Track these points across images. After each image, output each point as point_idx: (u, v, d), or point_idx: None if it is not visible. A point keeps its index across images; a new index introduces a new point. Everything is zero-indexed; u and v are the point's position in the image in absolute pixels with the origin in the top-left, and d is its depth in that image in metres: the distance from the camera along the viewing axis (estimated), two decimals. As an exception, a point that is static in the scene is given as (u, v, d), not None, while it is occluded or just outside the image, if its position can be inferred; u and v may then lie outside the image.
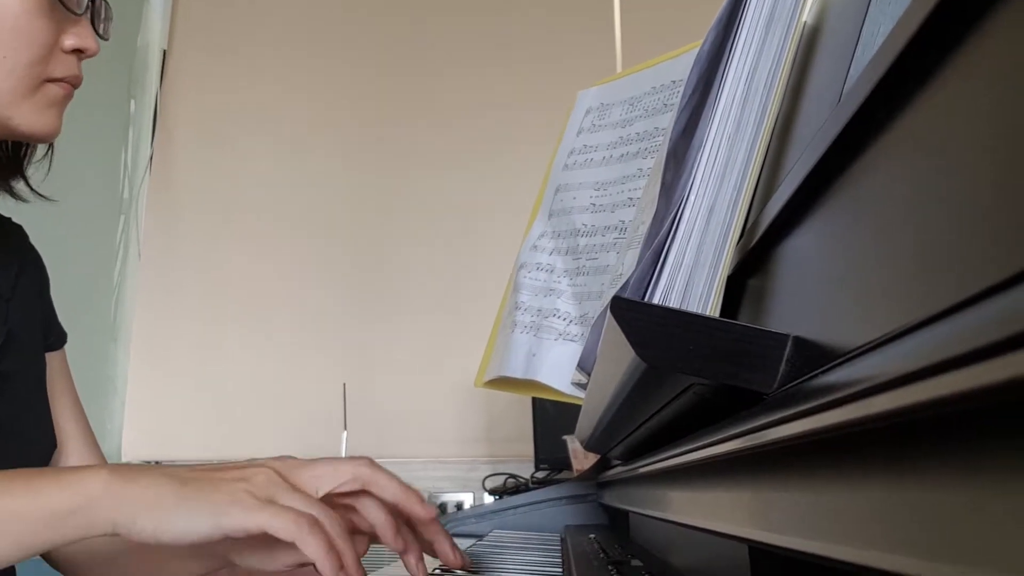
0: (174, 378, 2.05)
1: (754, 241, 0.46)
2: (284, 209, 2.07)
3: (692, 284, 0.51)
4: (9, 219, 0.87)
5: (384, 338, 2.00)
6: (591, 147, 0.90)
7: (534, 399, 1.62)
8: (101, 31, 0.77)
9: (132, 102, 2.05)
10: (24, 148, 0.82)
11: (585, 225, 0.86)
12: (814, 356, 0.32)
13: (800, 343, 0.33)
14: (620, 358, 0.38)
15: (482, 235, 1.95)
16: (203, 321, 2.07)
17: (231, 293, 2.07)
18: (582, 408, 0.68)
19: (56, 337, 0.91)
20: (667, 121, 0.74)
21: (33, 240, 0.90)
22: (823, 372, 0.25)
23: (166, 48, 2.12)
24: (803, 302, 0.36)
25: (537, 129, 1.62)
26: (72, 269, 1.70)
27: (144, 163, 2.09)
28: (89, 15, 0.75)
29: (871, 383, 0.17)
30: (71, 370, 0.94)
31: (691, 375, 0.34)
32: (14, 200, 0.84)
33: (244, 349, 2.04)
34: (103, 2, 0.77)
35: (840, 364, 0.23)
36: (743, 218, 0.50)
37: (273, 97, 2.09)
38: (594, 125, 0.91)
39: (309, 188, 2.07)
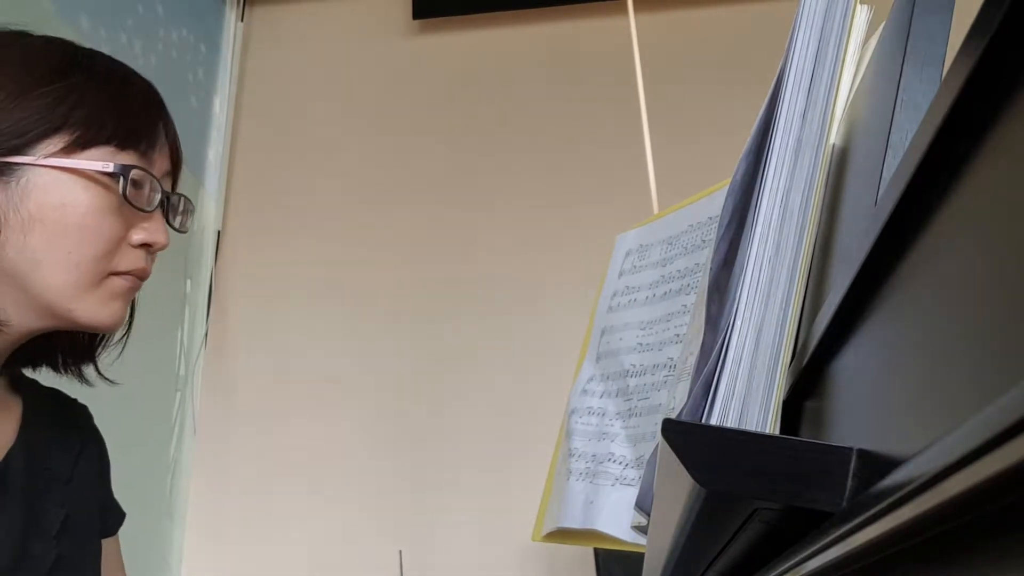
0: (229, 554, 2.02)
1: (805, 361, 0.45)
2: (336, 382, 2.09)
3: (746, 411, 0.50)
4: (75, 400, 0.88)
5: (438, 501, 1.96)
6: (633, 288, 0.90)
7: (596, 550, 1.55)
8: (178, 224, 0.79)
9: (188, 282, 2.12)
10: (100, 335, 0.83)
11: (634, 365, 0.85)
12: (882, 470, 0.30)
13: (865, 456, 0.32)
14: (677, 486, 0.37)
15: (529, 384, 1.94)
16: (258, 495, 2.05)
17: (285, 466, 2.06)
18: (645, 554, 0.65)
19: (114, 520, 0.89)
20: (706, 256, 0.74)
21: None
22: (891, 475, 0.24)
23: (220, 229, 2.21)
24: (863, 417, 0.35)
25: (578, 274, 1.64)
26: (128, 447, 1.71)
27: (199, 341, 2.14)
28: (163, 210, 0.76)
29: (946, 463, 0.16)
30: (127, 547, 0.93)
31: (753, 498, 0.33)
32: (80, 383, 0.85)
33: (300, 522, 2.01)
34: (180, 197, 0.79)
35: (908, 461, 0.22)
36: (792, 340, 0.49)
37: (323, 269, 2.15)
38: (635, 266, 0.92)
39: (360, 358, 2.09)
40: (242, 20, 2.28)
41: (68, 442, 0.82)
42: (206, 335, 2.15)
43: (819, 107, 0.51)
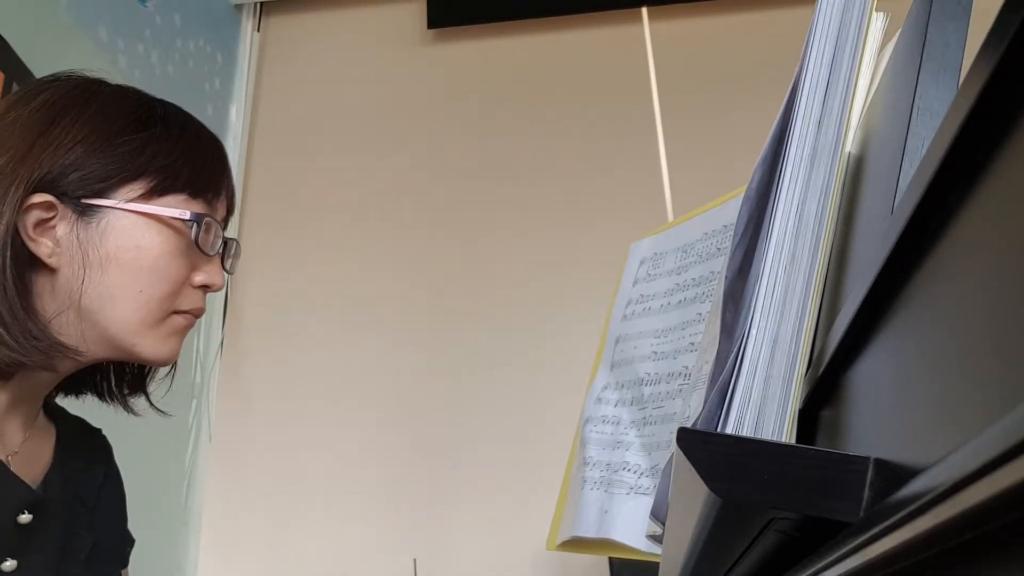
0: (244, 561, 2.03)
1: (821, 369, 0.44)
2: (351, 389, 2.09)
3: (762, 420, 0.49)
4: (99, 430, 0.91)
5: (453, 509, 1.96)
6: (648, 296, 0.90)
7: (611, 560, 1.55)
8: (228, 267, 0.85)
9: (204, 290, 2.13)
10: (149, 367, 0.87)
11: (648, 374, 0.85)
12: (900, 480, 0.30)
13: (882, 466, 0.31)
14: (692, 495, 0.36)
15: (544, 392, 1.93)
16: (273, 502, 2.06)
17: (300, 474, 2.06)
18: (660, 564, 0.65)
19: (128, 550, 0.92)
20: (721, 265, 0.74)
21: (106, 427, 0.92)
22: (909, 485, 0.23)
23: (236, 238, 2.22)
24: (880, 426, 0.35)
25: (592, 282, 1.64)
26: (144, 454, 1.72)
27: (215, 348, 2.15)
28: (220, 254, 0.81)
29: (965, 473, 0.16)
30: (143, 554, 0.94)
31: (770, 507, 0.32)
32: (125, 413, 0.88)
33: (314, 529, 2.01)
34: (234, 242, 0.85)
35: (926, 471, 0.22)
36: (808, 348, 0.48)
37: (338, 277, 2.16)
38: (649, 275, 0.92)
39: (375, 366, 2.09)
40: (258, 30, 2.29)
41: (94, 471, 0.86)
42: (222, 343, 2.16)
43: (835, 115, 0.51)
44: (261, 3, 2.30)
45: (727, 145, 1.85)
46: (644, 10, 2.10)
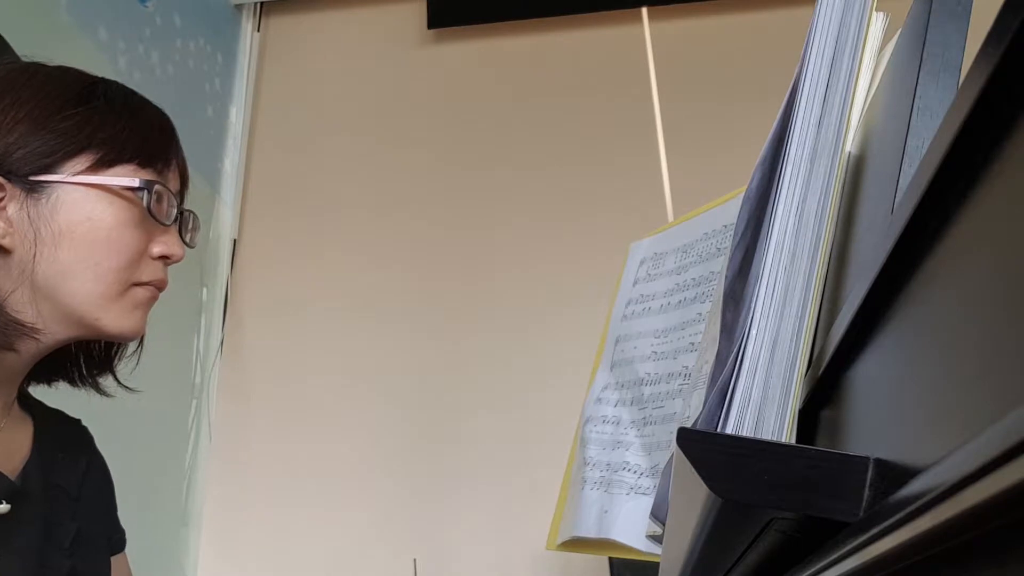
0: (245, 561, 2.03)
1: (821, 370, 0.44)
2: (351, 389, 2.09)
3: (762, 420, 0.49)
4: (79, 421, 0.91)
5: (453, 509, 1.96)
6: (648, 296, 0.90)
7: (611, 560, 1.55)
8: (188, 239, 0.84)
9: (204, 290, 2.13)
10: (116, 346, 0.87)
11: (648, 374, 0.85)
12: (900, 480, 0.30)
13: (882, 466, 0.31)
14: (692, 496, 0.36)
15: (545, 392, 1.93)
16: (273, 502, 2.06)
17: (300, 474, 2.06)
18: (660, 564, 0.65)
19: (119, 537, 0.92)
20: (721, 265, 0.74)
21: (106, 427, 0.92)
22: (909, 485, 0.23)
23: (236, 238, 2.22)
24: (881, 426, 0.35)
25: (593, 282, 1.64)
26: (145, 454, 1.73)
27: (215, 348, 2.15)
28: (177, 224, 0.81)
29: (965, 473, 0.16)
30: (144, 554, 0.94)
31: (769, 507, 0.32)
32: (99, 395, 0.87)
33: (315, 529, 2.01)
34: (191, 213, 0.84)
35: (926, 471, 0.22)
36: (808, 348, 0.48)
37: (338, 277, 2.16)
38: (649, 275, 0.92)
39: (375, 366, 2.09)
40: (258, 30, 2.29)
41: (75, 461, 0.85)
42: (222, 343, 2.16)
43: (835, 114, 0.51)
44: (261, 3, 2.30)
45: (727, 145, 1.85)
46: (644, 10, 2.10)
